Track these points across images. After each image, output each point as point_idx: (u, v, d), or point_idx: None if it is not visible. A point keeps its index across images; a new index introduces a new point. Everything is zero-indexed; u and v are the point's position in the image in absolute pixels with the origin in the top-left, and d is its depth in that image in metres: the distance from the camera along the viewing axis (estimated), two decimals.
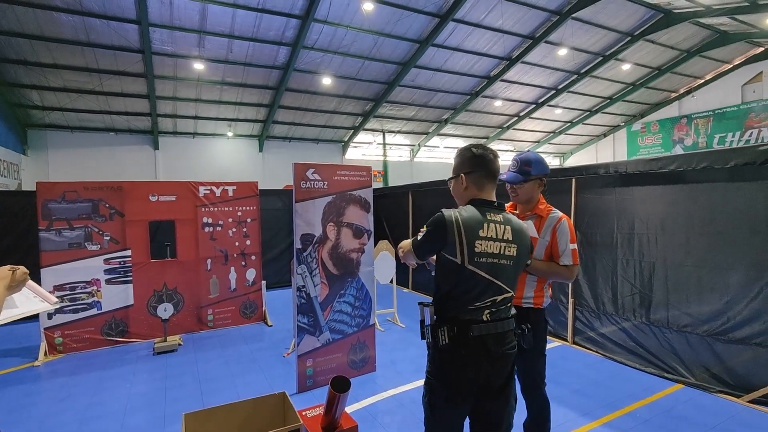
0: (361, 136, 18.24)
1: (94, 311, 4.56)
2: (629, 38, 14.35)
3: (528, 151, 2.43)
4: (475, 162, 1.75)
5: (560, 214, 2.30)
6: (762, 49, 16.26)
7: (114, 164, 14.33)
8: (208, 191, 5.09)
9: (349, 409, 3.20)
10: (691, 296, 3.60)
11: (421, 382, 3.12)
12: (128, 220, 4.66)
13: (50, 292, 4.45)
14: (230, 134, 16.40)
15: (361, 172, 3.83)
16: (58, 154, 14.09)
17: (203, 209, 5.06)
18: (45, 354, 4.33)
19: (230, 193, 5.21)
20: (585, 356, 4.24)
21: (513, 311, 1.73)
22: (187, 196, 4.98)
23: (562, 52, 13.98)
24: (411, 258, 1.81)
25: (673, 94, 19.44)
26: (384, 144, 18.36)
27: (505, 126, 19.63)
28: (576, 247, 2.23)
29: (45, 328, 4.37)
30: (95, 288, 4.55)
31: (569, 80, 16.34)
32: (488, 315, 1.63)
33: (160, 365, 4.14)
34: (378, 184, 17.89)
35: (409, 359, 4.29)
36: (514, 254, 1.68)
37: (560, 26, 12.79)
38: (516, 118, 18.99)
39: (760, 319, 3.19)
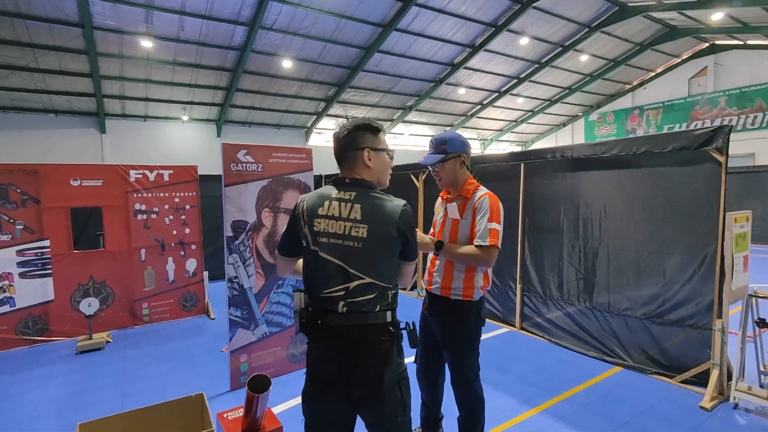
0: (325, 122, 17.82)
1: (6, 308, 4.12)
2: (587, 29, 14.64)
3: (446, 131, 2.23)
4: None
5: (485, 191, 2.14)
6: (707, 44, 17.07)
7: (56, 149, 13.27)
8: (140, 175, 4.69)
9: (282, 407, 3.02)
10: (631, 280, 3.64)
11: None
12: (45, 207, 4.21)
13: None
14: (185, 118, 15.57)
15: (300, 155, 3.59)
16: None
17: (135, 195, 4.67)
18: None
19: (166, 178, 4.83)
20: (532, 342, 4.25)
21: (387, 304, 1.51)
22: (116, 181, 4.57)
23: (524, 41, 14.08)
24: (281, 265, 1.70)
25: (627, 86, 20.12)
26: None
27: (469, 114, 19.72)
28: (497, 227, 2.02)
29: None
30: (6, 283, 4.10)
31: (531, 69, 16.55)
32: (344, 307, 1.46)
33: (81, 366, 3.79)
34: None
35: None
36: (364, 235, 1.45)
37: (522, 15, 12.83)
38: (480, 107, 19.11)
39: (693, 301, 3.25)
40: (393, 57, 13.98)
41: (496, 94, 18.15)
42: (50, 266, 4.29)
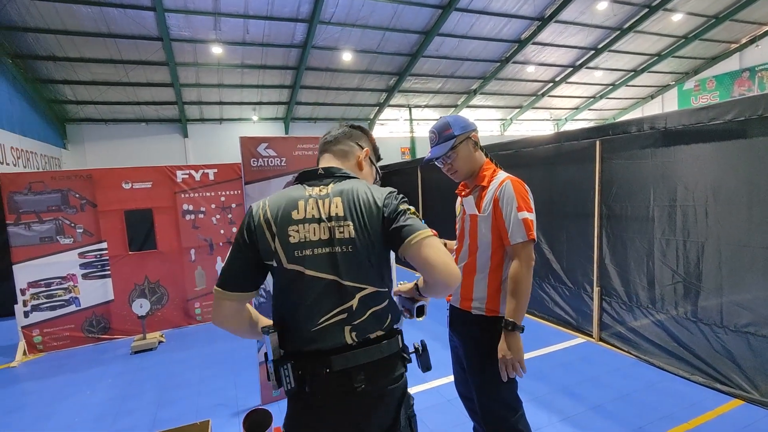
0: (388, 113, 17.53)
1: (72, 308, 4.38)
2: None
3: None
4: None
5: (504, 175, 1.70)
6: None
7: (147, 154, 14.61)
8: (187, 176, 4.71)
9: None
10: (755, 287, 2.75)
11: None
12: (101, 210, 4.39)
13: (24, 290, 4.35)
14: (255, 118, 16.29)
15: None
16: (94, 146, 14.56)
17: (182, 195, 4.70)
18: (24, 353, 4.21)
19: (211, 177, 4.81)
20: (613, 358, 3.49)
21: (396, 316, 1.22)
22: (164, 182, 4.64)
23: (602, 5, 12.40)
24: (225, 309, 1.16)
25: (733, 45, 16.92)
26: (411, 120, 17.55)
27: (539, 93, 18.12)
28: (528, 216, 1.59)
29: (22, 327, 4.24)
30: (72, 284, 4.34)
31: (610, 38, 14.62)
32: (354, 335, 1.11)
33: (131, 367, 3.87)
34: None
35: None
36: (352, 234, 1.13)
37: None
38: (551, 84, 17.45)
39: None
40: (454, 39, 13.23)
41: (570, 69, 16.41)
42: (109, 267, 4.47)
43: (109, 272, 4.47)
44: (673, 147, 3.18)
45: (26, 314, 4.21)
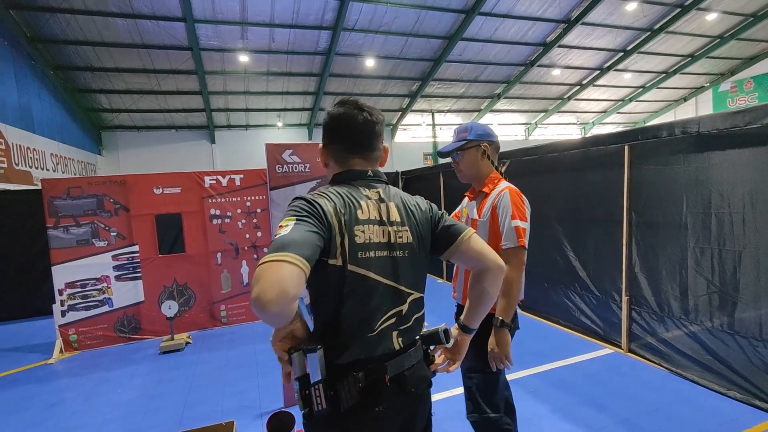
0: (410, 118, 17.57)
1: (105, 308, 4.55)
2: None
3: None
4: (332, 128, 1.19)
5: (505, 185, 1.85)
6: None
7: (176, 159, 15.13)
8: (214, 181, 4.85)
9: None
10: None
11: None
12: (134, 214, 4.56)
13: (62, 290, 4.55)
14: (280, 124, 16.62)
15: None
16: (127, 153, 15.18)
17: (210, 200, 4.83)
18: (60, 351, 4.39)
19: (237, 182, 4.92)
20: (643, 369, 3.37)
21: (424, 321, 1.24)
22: (193, 188, 4.78)
23: (631, 6, 12.10)
24: (274, 266, 0.84)
25: None
26: (433, 125, 17.51)
27: (565, 97, 17.80)
28: (521, 225, 1.72)
29: (59, 326, 4.43)
30: (105, 285, 4.51)
31: (640, 39, 14.22)
32: (400, 340, 1.11)
33: (159, 367, 3.98)
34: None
35: None
36: (410, 240, 1.16)
37: None
38: (578, 87, 17.11)
39: None
40: (478, 43, 13.16)
41: (598, 72, 16.05)
42: (140, 269, 4.63)
43: (140, 274, 4.63)
44: (707, 152, 3.06)
45: (63, 313, 4.41)
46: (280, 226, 0.95)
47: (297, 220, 0.96)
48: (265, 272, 0.82)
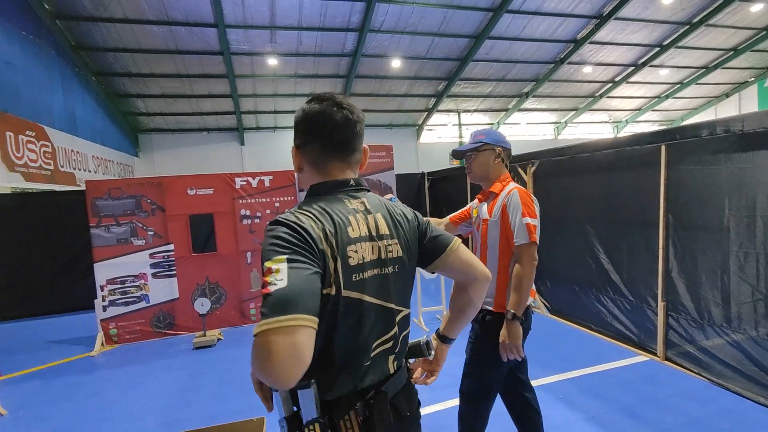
0: (436, 118, 17.46)
1: (143, 304, 4.76)
2: None
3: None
4: (308, 127, 1.04)
5: (514, 185, 1.95)
6: None
7: (207, 161, 15.60)
8: (245, 182, 4.99)
9: None
10: None
11: (454, 402, 2.43)
12: (169, 214, 4.75)
13: (103, 286, 4.78)
14: None
15: (380, 153, 3.31)
16: (162, 154, 15.77)
17: (240, 201, 4.97)
18: (102, 344, 4.62)
19: (267, 184, 5.04)
20: (681, 379, 3.24)
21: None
22: (225, 189, 4.93)
23: None
24: (288, 334, 0.74)
25: None
26: (459, 125, 17.35)
27: (597, 94, 17.22)
28: (532, 222, 1.81)
29: (101, 320, 4.66)
30: (143, 281, 4.72)
31: (678, 33, 13.58)
32: (395, 364, 1.07)
33: (192, 361, 4.13)
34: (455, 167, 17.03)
35: (445, 370, 3.67)
36: (399, 254, 1.06)
37: None
38: (611, 85, 16.51)
39: None
40: (505, 42, 12.93)
41: (632, 68, 15.45)
42: (174, 268, 4.82)
43: (174, 272, 4.83)
44: (752, 152, 2.91)
45: (104, 308, 4.65)
46: (269, 270, 0.80)
47: (288, 260, 0.81)
48: (278, 345, 0.71)
